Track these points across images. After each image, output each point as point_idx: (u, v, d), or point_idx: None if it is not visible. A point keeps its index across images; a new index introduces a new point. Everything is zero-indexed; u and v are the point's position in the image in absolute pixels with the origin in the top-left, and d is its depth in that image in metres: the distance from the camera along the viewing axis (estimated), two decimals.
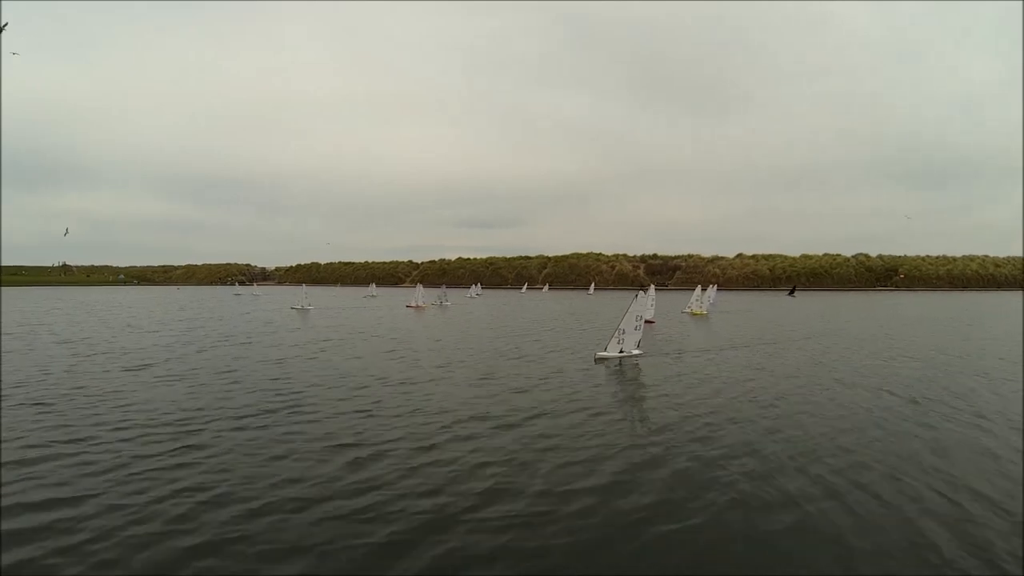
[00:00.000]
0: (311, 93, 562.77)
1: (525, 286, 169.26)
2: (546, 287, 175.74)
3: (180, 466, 11.13)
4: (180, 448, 12.20)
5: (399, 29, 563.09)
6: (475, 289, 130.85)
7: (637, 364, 24.84)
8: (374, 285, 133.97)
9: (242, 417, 14.79)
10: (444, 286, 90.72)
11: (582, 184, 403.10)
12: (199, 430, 13.62)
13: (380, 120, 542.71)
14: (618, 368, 23.95)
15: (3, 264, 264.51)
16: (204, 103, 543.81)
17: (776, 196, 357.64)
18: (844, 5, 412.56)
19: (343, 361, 25.46)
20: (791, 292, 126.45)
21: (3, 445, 12.50)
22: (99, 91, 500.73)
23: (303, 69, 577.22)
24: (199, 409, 15.75)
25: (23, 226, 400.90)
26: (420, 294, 75.80)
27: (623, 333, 26.21)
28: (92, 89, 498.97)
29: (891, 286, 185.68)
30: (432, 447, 12.38)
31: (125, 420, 14.54)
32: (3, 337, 35.06)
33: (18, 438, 13.06)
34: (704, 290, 62.22)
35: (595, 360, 25.82)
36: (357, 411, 15.59)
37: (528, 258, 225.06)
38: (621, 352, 26.14)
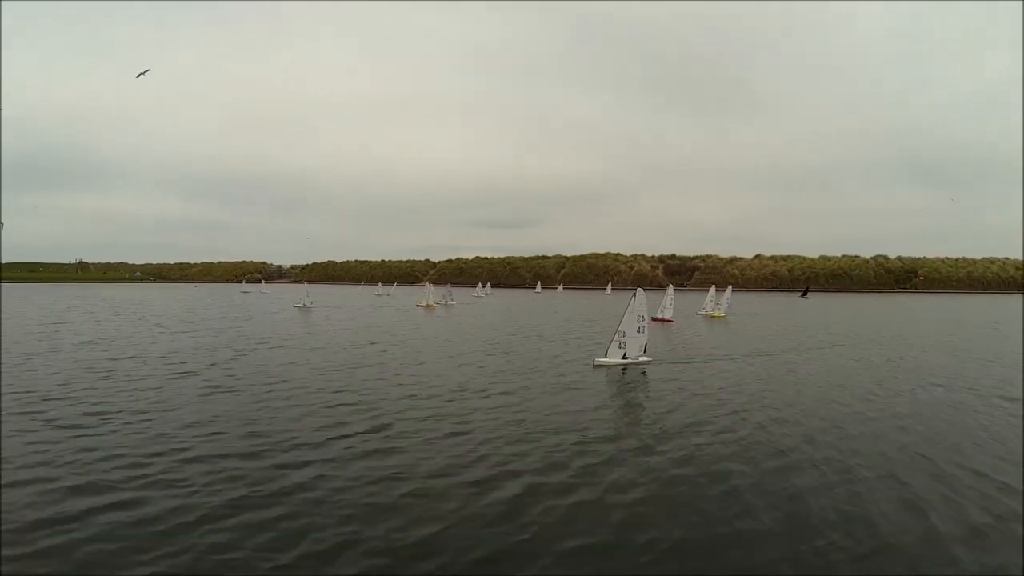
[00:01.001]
0: (328, 94, 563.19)
1: (539, 285, 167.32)
2: (560, 287, 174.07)
3: (287, 514, 8.91)
4: (277, 491, 9.86)
5: (414, 29, 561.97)
6: (482, 288, 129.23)
7: (644, 372, 22.57)
8: (381, 284, 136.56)
9: (328, 440, 12.80)
10: (449, 285, 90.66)
11: (599, 184, 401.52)
12: (286, 460, 11.44)
13: (396, 120, 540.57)
14: (622, 377, 21.78)
15: (21, 262, 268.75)
16: (221, 104, 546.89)
17: (793, 196, 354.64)
18: (863, 5, 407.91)
19: (408, 367, 23.59)
20: (804, 294, 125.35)
21: (26, 490, 9.69)
22: (115, 91, 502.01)
23: (320, 70, 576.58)
24: (272, 430, 13.62)
25: (40, 225, 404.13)
26: (430, 293, 76.02)
27: (624, 336, 23.88)
28: (108, 89, 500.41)
29: (911, 288, 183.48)
30: (569, 485, 10.39)
31: (187, 447, 12.15)
32: (25, 338, 33.38)
33: (47, 480, 10.10)
34: (720, 291, 60.16)
35: (593, 366, 23.52)
36: (457, 433, 13.59)
37: (546, 258, 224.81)
38: (624, 358, 23.86)
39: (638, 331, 24.02)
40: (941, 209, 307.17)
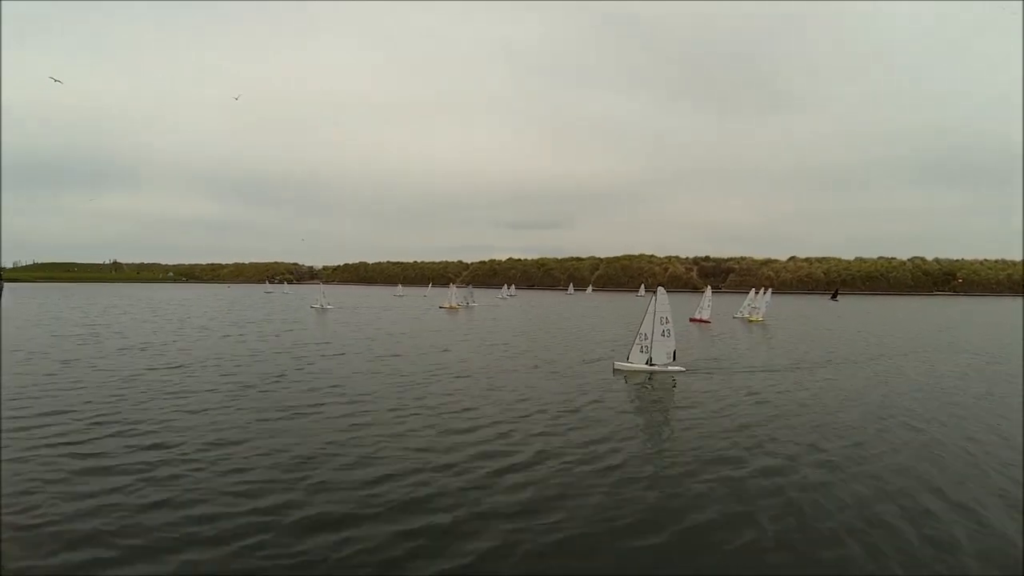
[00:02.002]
0: (361, 93, 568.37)
1: (571, 287, 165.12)
2: (590, 288, 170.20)
3: None
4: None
5: (443, 31, 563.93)
6: (506, 290, 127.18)
7: (674, 384, 20.70)
8: (400, 286, 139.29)
9: (473, 484, 10.44)
10: (470, 286, 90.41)
11: (630, 185, 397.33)
12: (424, 522, 8.75)
13: (428, 120, 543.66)
14: (647, 386, 20.22)
15: (57, 261, 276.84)
16: (254, 103, 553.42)
17: (824, 196, 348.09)
18: (889, 4, 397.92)
19: (508, 378, 21.55)
20: (834, 296, 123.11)
21: None
22: (149, 94, 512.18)
23: (352, 70, 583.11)
24: (391, 478, 10.61)
25: (75, 225, 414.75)
26: (453, 295, 75.16)
27: (646, 339, 22.44)
28: (142, 92, 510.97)
29: (949, 291, 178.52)
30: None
31: (286, 502, 9.39)
32: (66, 340, 32.46)
33: (88, 566, 7.31)
34: (760, 293, 57.93)
35: (613, 371, 22.62)
36: (610, 466, 11.41)
37: (580, 259, 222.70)
38: (649, 364, 22.34)
39: (662, 334, 22.42)
40: (975, 209, 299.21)
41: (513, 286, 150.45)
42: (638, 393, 19.50)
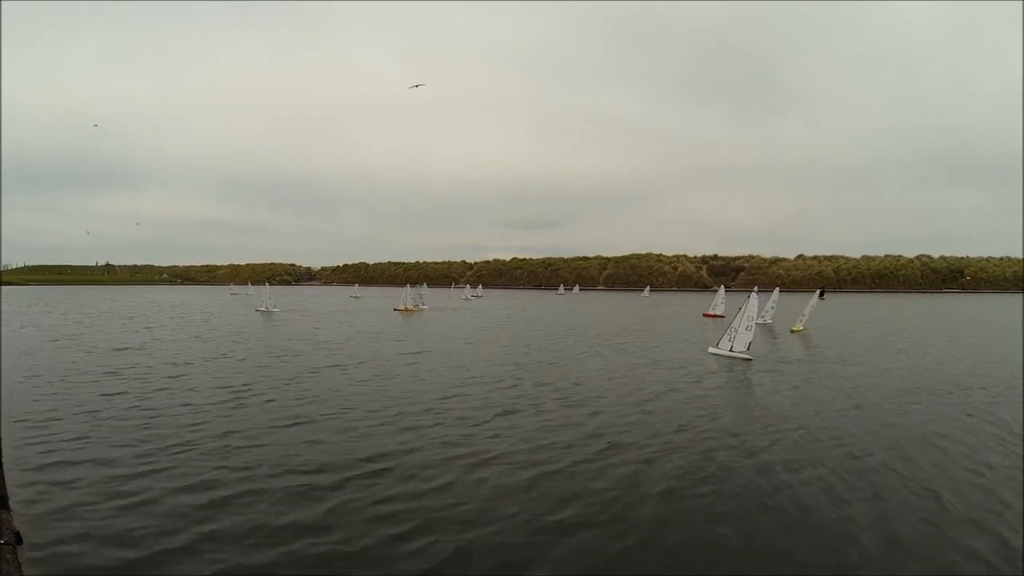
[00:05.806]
0: (361, 94, 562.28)
1: (561, 287, 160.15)
2: (576, 288, 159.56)
3: None
4: None
5: (446, 29, 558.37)
6: (471, 289, 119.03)
7: (746, 373, 23.68)
8: (357, 286, 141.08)
9: None
10: (425, 285, 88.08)
11: (635, 185, 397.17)
12: None
13: (430, 120, 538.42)
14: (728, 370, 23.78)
15: (49, 264, 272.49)
16: (249, 104, 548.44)
17: (828, 195, 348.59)
18: (900, 4, 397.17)
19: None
20: (821, 295, 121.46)
21: None
22: (146, 95, 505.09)
23: (352, 70, 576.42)
24: None
25: (67, 227, 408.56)
26: (408, 295, 71.07)
27: (735, 331, 27.45)
28: (140, 93, 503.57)
29: (957, 288, 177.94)
30: None
31: None
32: (98, 380, 20.84)
33: None
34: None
35: (708, 351, 28.92)
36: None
37: (587, 259, 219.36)
38: (731, 351, 27.37)
39: (746, 328, 27.12)
40: (979, 208, 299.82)
41: (480, 285, 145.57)
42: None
